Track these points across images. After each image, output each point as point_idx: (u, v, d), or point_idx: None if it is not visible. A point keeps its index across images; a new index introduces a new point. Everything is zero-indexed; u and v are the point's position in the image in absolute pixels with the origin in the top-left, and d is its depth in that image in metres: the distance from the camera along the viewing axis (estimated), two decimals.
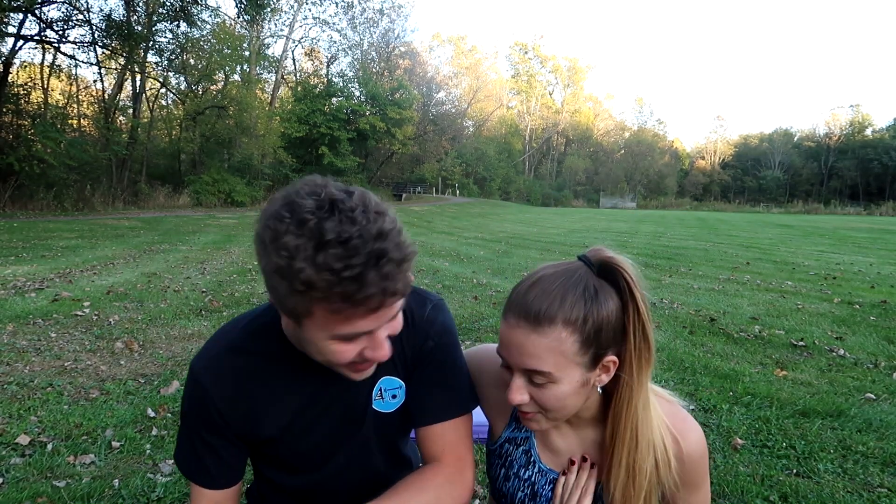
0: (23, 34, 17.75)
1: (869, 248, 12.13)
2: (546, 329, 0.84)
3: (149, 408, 2.70)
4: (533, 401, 0.89)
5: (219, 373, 0.98)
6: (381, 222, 0.77)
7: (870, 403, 2.95)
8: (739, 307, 5.41)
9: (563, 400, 0.88)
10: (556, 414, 0.91)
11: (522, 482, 1.04)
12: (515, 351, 0.87)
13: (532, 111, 66.45)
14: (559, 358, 0.85)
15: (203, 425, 1.00)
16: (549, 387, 0.86)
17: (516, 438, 1.05)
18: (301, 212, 0.75)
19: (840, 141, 64.99)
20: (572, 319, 0.84)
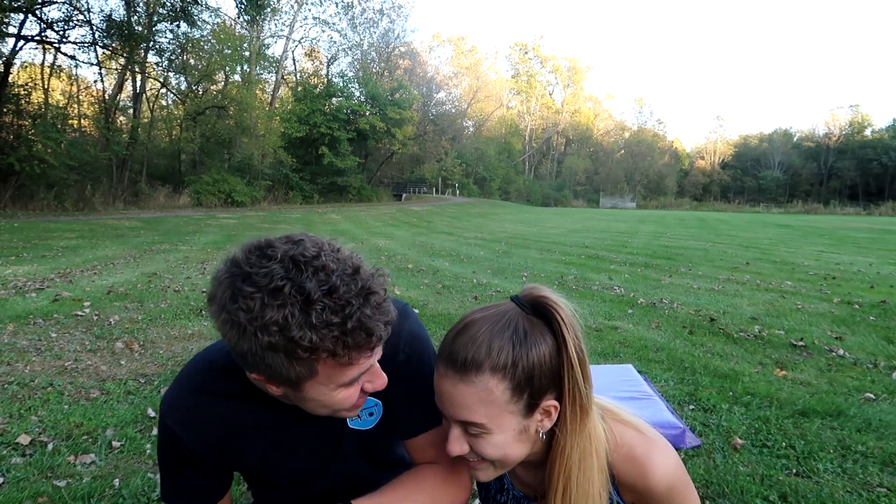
0: (23, 34, 17.76)
1: (868, 249, 12.13)
2: (473, 378, 0.81)
3: (149, 407, 2.70)
4: (473, 451, 0.86)
5: (187, 415, 0.96)
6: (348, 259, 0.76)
7: (869, 403, 2.96)
8: (739, 307, 5.41)
9: (503, 449, 0.84)
10: (501, 463, 0.87)
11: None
12: (447, 402, 0.84)
13: (532, 111, 66.46)
14: (490, 407, 0.81)
15: (181, 463, 0.99)
16: (485, 437, 0.83)
17: None
18: (269, 281, 0.71)
19: (839, 141, 65.00)
20: (500, 366, 0.80)
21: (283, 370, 0.76)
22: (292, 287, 0.71)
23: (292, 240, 0.77)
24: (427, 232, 15.10)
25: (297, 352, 0.73)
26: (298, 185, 30.51)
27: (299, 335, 0.71)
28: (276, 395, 0.87)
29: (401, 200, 37.45)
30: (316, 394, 0.81)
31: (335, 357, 0.75)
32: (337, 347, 0.74)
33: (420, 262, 8.46)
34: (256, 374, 0.81)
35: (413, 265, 8.11)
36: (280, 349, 0.73)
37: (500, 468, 0.89)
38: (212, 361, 0.99)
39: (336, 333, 0.72)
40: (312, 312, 0.71)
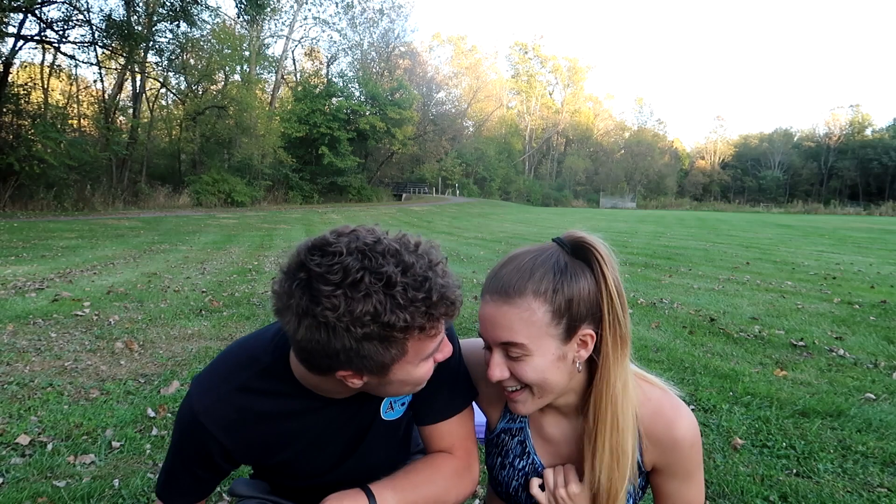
0: (23, 34, 17.77)
1: (869, 248, 12.13)
2: (516, 300, 0.86)
3: (149, 408, 2.70)
4: (513, 377, 0.89)
5: (230, 416, 0.93)
6: (403, 238, 0.79)
7: (869, 403, 2.96)
8: (739, 307, 5.41)
9: (543, 373, 0.88)
10: (540, 390, 0.90)
11: (517, 472, 1.05)
12: (490, 325, 0.89)
13: (532, 111, 66.46)
14: (531, 328, 0.86)
15: (199, 463, 0.97)
16: (525, 360, 0.87)
17: (511, 429, 1.06)
18: (345, 276, 0.72)
19: (840, 141, 65.00)
20: (542, 291, 0.86)
21: (379, 357, 0.78)
22: (371, 275, 0.72)
23: (344, 233, 0.79)
24: (427, 232, 15.11)
25: (393, 335, 0.75)
26: (298, 185, 30.52)
27: (392, 319, 0.73)
28: (354, 389, 0.87)
29: (401, 200, 37.45)
30: (402, 374, 0.83)
31: (423, 331, 0.77)
32: (426, 322, 0.76)
33: None
34: (346, 369, 0.81)
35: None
36: (375, 337, 0.75)
37: (539, 398, 0.92)
38: (255, 358, 0.96)
39: (423, 308, 0.75)
40: (397, 294, 0.73)
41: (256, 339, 1.00)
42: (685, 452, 0.95)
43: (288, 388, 0.94)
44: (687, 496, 0.99)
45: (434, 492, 0.98)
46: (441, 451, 1.05)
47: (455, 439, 1.04)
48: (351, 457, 1.05)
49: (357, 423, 1.02)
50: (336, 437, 1.02)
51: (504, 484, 1.06)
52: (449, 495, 1.00)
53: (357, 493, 0.92)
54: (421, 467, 1.01)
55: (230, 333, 4.16)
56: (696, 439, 0.95)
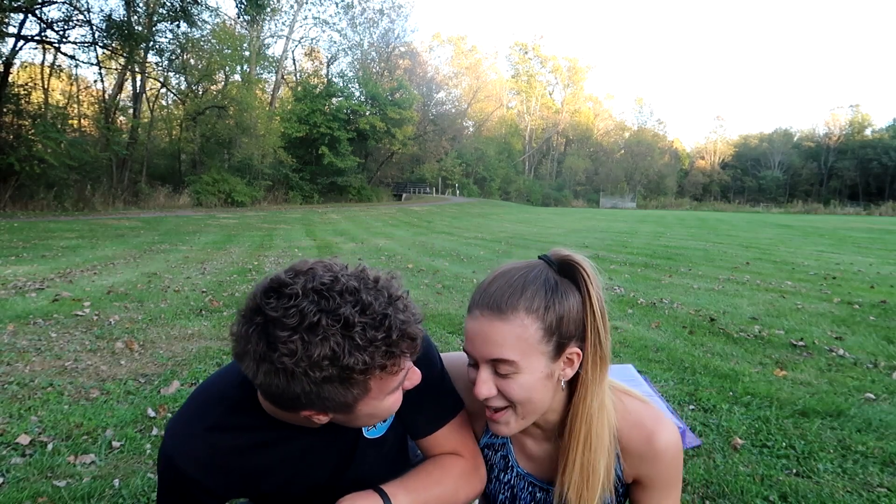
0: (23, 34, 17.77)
1: (868, 248, 12.13)
2: (509, 316, 0.85)
3: (149, 408, 2.70)
4: (500, 395, 0.88)
5: (202, 456, 0.92)
6: (362, 273, 0.77)
7: (869, 403, 2.96)
8: (739, 307, 5.41)
9: (530, 391, 0.87)
10: (524, 409, 0.90)
11: (503, 485, 1.05)
12: (480, 342, 0.87)
13: (532, 111, 66.46)
14: (523, 345, 0.85)
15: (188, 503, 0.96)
16: (514, 377, 0.86)
17: (494, 444, 1.06)
18: (301, 319, 0.71)
19: (840, 141, 64.99)
20: (534, 308, 0.85)
21: (341, 397, 0.77)
22: (328, 317, 0.71)
23: (301, 271, 0.77)
24: (427, 232, 15.10)
25: (353, 377, 0.74)
26: (298, 185, 30.52)
27: (351, 361, 0.72)
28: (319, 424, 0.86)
29: (401, 200, 37.45)
30: (368, 409, 0.83)
31: (384, 370, 0.77)
32: (387, 360, 0.75)
33: (420, 262, 8.46)
34: (309, 410, 0.81)
35: (413, 265, 8.11)
36: (335, 380, 0.74)
37: (522, 419, 0.91)
38: (224, 396, 0.95)
39: (384, 348, 0.74)
40: (356, 335, 0.72)
41: (224, 376, 0.99)
42: (666, 464, 0.94)
43: (259, 422, 0.93)
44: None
45: (444, 492, 0.98)
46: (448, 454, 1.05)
47: (456, 444, 1.04)
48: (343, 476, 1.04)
49: (340, 447, 1.01)
50: (319, 462, 1.01)
51: (491, 497, 1.07)
52: (458, 495, 1.00)
53: (371, 494, 0.92)
54: (431, 468, 1.01)
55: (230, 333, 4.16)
56: (677, 451, 0.95)
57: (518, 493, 1.03)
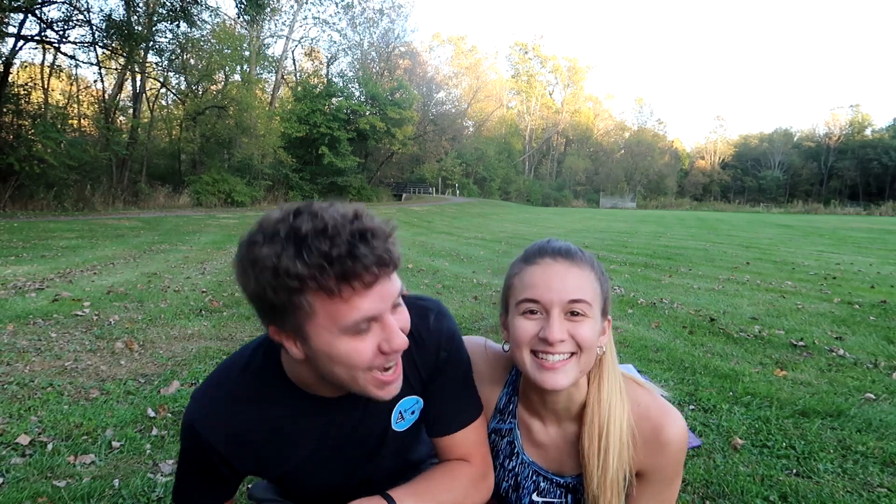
0: (23, 34, 17.76)
1: (869, 249, 12.13)
2: (583, 265, 0.92)
3: (149, 408, 2.70)
4: (570, 339, 0.90)
5: (221, 424, 0.93)
6: (353, 208, 0.80)
7: (869, 403, 2.96)
8: (739, 307, 5.41)
9: (593, 338, 0.91)
10: (585, 358, 0.92)
11: (507, 472, 1.05)
12: (558, 284, 0.90)
13: (532, 111, 66.46)
14: (591, 292, 0.92)
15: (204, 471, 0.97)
16: (585, 321, 0.91)
17: (501, 430, 1.07)
18: (269, 228, 0.78)
19: (840, 141, 64.99)
20: (595, 267, 0.94)
21: (284, 312, 0.79)
22: (287, 227, 0.76)
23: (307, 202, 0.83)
24: (427, 232, 15.10)
25: (288, 282, 0.75)
26: (298, 184, 30.51)
27: (286, 265, 0.74)
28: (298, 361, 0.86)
29: (401, 200, 37.43)
30: (323, 344, 0.81)
31: (324, 289, 0.76)
32: (323, 277, 0.75)
33: (420, 262, 8.45)
34: (271, 325, 0.83)
35: (413, 265, 8.11)
36: (274, 284, 0.76)
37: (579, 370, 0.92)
38: (245, 363, 0.97)
39: (321, 262, 0.74)
40: (303, 247, 0.75)
41: (245, 347, 1.02)
42: (670, 457, 0.94)
43: (279, 392, 0.93)
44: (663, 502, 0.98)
45: (452, 498, 0.97)
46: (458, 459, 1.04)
47: (470, 447, 1.03)
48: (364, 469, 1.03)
49: (364, 435, 1.00)
50: (341, 448, 1.00)
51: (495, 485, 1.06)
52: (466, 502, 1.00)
53: (378, 500, 0.91)
54: (439, 475, 1.00)
55: (230, 333, 4.16)
56: (683, 444, 0.95)
57: (522, 481, 1.03)
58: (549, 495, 1.02)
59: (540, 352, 0.90)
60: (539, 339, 0.90)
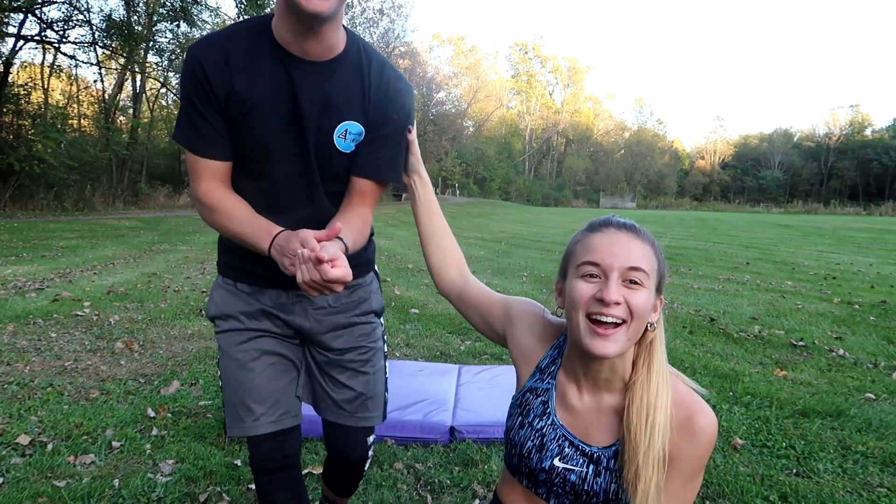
0: (23, 34, 17.75)
1: (869, 249, 12.13)
2: (644, 238, 0.99)
3: (149, 408, 2.70)
4: (625, 304, 0.94)
5: (213, 54, 1.13)
6: None
7: (869, 403, 2.96)
8: (739, 307, 5.41)
9: (646, 307, 0.95)
10: (636, 327, 0.95)
11: (534, 431, 1.06)
12: (620, 251, 0.95)
13: (532, 111, 66.47)
14: (650, 265, 0.96)
15: (198, 99, 1.14)
16: (640, 290, 0.94)
17: (537, 389, 1.08)
18: None
19: (840, 141, 64.98)
20: (654, 244, 1.00)
21: None
22: None
23: None
24: None
25: None
26: None
27: None
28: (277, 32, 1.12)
29: (401, 200, 37.43)
30: None
31: None
32: None
33: (420, 262, 8.45)
34: None
35: (413, 265, 8.11)
36: None
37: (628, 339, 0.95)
38: (247, 20, 1.18)
39: None
40: None
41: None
42: (701, 446, 0.96)
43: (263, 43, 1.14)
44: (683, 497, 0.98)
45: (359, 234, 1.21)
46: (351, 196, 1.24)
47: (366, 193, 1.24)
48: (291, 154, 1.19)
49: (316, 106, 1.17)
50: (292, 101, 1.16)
51: (519, 444, 1.08)
52: (364, 237, 1.25)
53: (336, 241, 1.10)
54: (353, 220, 1.20)
55: None
56: (713, 436, 0.97)
57: (547, 442, 1.04)
58: (570, 462, 1.02)
59: (594, 314, 0.94)
60: (595, 300, 0.94)
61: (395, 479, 2.14)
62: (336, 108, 1.18)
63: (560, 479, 1.02)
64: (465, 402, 2.68)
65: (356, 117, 1.19)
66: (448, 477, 2.16)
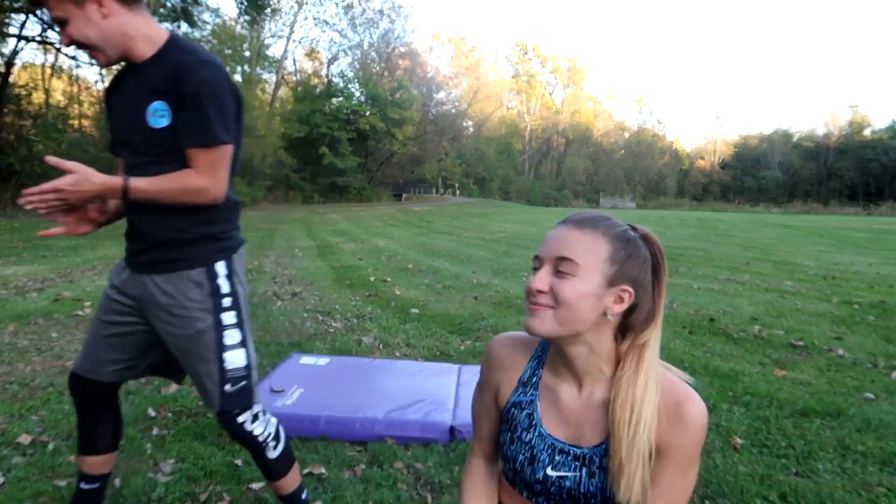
0: (24, 35, 17.77)
1: (868, 249, 12.14)
2: (589, 230, 0.97)
3: (149, 407, 2.70)
4: (551, 292, 0.96)
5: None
6: None
7: (869, 403, 2.96)
8: (739, 307, 5.42)
9: (577, 298, 0.95)
10: (563, 315, 0.96)
11: (524, 445, 1.07)
12: (554, 243, 0.98)
13: (532, 111, 66.45)
14: (589, 256, 0.95)
15: None
16: (570, 280, 0.95)
17: (521, 403, 1.09)
18: None
19: (839, 141, 64.96)
20: (611, 233, 0.98)
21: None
22: None
23: None
24: (427, 232, 15.10)
25: None
26: (299, 185, 30.54)
27: None
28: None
29: (401, 200, 37.45)
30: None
31: None
32: None
33: (420, 262, 8.46)
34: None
35: (413, 265, 8.11)
36: None
37: (558, 325, 0.97)
38: None
39: None
40: None
41: None
42: (691, 437, 0.97)
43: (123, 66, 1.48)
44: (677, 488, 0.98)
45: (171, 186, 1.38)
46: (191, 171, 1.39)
47: (199, 165, 1.38)
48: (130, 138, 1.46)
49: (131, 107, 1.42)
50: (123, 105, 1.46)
51: (512, 459, 1.09)
52: (185, 195, 1.39)
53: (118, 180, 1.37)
54: (171, 173, 1.38)
55: None
56: (702, 425, 0.98)
57: (537, 454, 1.05)
58: (563, 468, 1.03)
59: (529, 300, 0.99)
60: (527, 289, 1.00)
61: (395, 478, 2.15)
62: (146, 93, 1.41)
63: (556, 487, 1.03)
64: (466, 402, 2.69)
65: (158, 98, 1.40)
66: (448, 477, 2.17)
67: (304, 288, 6.09)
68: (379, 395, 2.74)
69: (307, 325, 4.48)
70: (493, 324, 4.56)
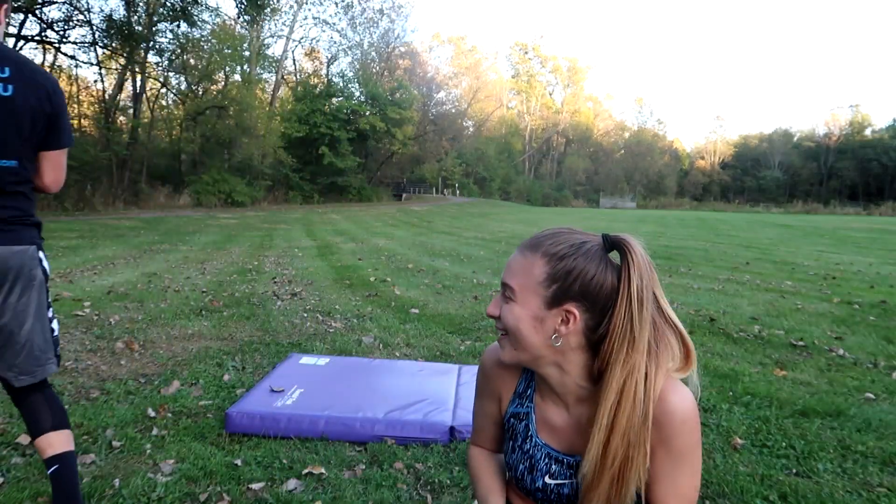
0: (24, 34, 17.77)
1: (868, 248, 12.14)
2: (528, 253, 0.97)
3: (149, 408, 2.70)
4: (501, 318, 0.98)
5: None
6: None
7: (869, 403, 2.96)
8: (739, 307, 5.41)
9: (517, 322, 0.96)
10: (513, 340, 0.97)
11: (523, 454, 1.09)
12: (505, 270, 1.00)
13: (532, 111, 66.47)
14: (525, 279, 0.95)
15: None
16: (511, 305, 0.97)
17: (518, 413, 1.11)
18: None
19: (839, 141, 65.00)
20: (550, 253, 0.95)
21: None
22: None
23: None
24: (427, 232, 15.10)
25: None
26: (298, 185, 30.53)
27: None
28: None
29: (401, 200, 37.45)
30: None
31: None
32: None
33: (420, 262, 8.46)
34: None
35: (413, 265, 8.11)
36: None
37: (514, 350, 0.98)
38: None
39: None
40: None
41: None
42: (675, 428, 0.93)
43: None
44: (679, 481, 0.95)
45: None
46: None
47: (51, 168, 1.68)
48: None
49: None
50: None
51: (514, 468, 1.10)
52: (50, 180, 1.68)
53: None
54: None
55: (230, 333, 4.16)
56: (687, 416, 0.93)
57: (536, 462, 1.07)
58: (559, 477, 1.04)
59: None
60: None
61: (395, 478, 2.15)
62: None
63: (555, 495, 1.04)
64: (466, 402, 2.68)
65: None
66: (448, 477, 2.16)
67: (303, 288, 6.09)
68: (379, 396, 2.73)
69: (307, 325, 4.48)
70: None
